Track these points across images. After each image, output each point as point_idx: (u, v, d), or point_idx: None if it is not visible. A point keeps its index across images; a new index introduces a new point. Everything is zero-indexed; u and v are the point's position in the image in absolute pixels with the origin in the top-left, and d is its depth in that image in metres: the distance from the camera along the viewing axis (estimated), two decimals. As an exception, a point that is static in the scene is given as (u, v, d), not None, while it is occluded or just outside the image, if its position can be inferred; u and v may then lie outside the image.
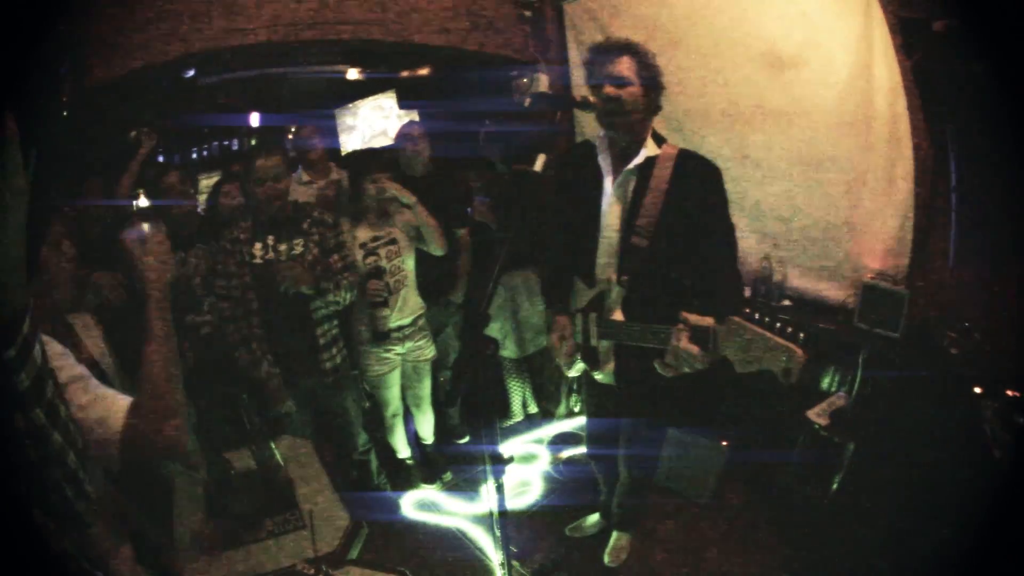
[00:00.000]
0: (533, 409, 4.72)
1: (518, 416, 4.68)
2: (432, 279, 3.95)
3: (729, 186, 2.50)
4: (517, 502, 3.88)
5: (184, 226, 3.54)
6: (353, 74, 6.32)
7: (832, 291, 3.48)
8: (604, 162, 2.62)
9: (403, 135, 4.09)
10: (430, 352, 3.93)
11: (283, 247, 3.31)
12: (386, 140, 6.18)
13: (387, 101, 6.64)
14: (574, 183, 2.71)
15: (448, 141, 4.53)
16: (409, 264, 3.74)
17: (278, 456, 2.69)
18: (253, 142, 7.00)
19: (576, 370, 2.85)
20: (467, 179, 4.53)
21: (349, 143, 6.65)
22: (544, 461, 4.28)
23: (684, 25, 3.80)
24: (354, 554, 2.39)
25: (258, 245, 3.31)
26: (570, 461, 4.21)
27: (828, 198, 3.39)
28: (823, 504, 3.26)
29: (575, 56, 4.83)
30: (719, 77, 3.68)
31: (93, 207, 3.90)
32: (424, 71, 6.25)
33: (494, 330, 4.31)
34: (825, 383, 3.50)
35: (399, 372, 3.89)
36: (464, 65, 5.19)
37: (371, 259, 3.57)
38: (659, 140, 2.56)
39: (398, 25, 4.66)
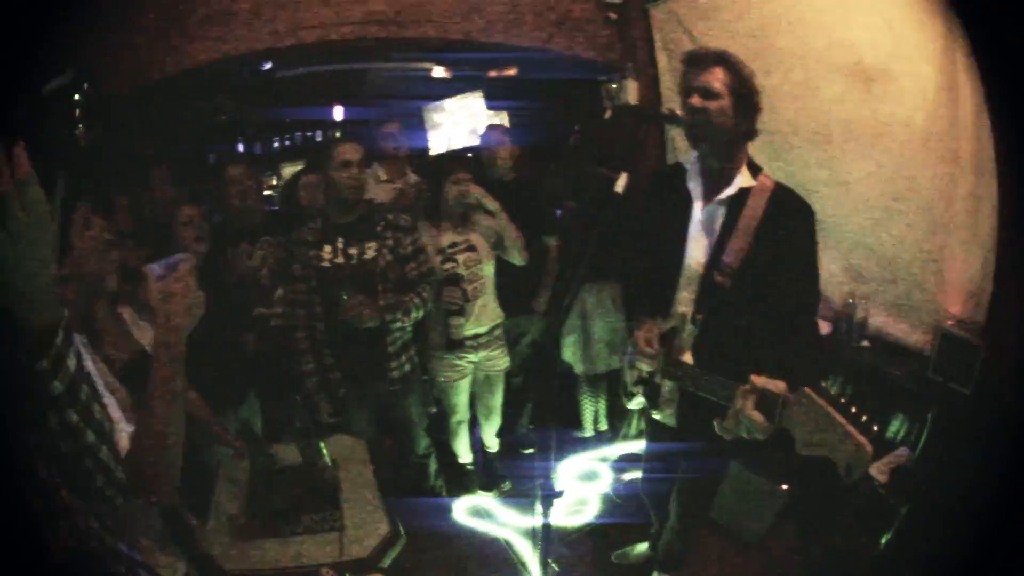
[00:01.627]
0: (604, 426, 4.61)
1: (588, 432, 4.58)
2: (515, 287, 3.88)
3: (817, 214, 2.34)
4: (570, 519, 3.80)
5: (248, 219, 3.56)
6: (439, 72, 6.30)
7: (911, 334, 3.18)
8: (694, 187, 2.47)
9: (488, 137, 4.05)
10: (504, 363, 3.86)
11: (354, 251, 3.22)
12: (472, 141, 6.15)
13: (474, 100, 6.59)
14: (661, 207, 2.58)
15: (535, 144, 4.48)
16: (488, 271, 3.66)
17: (326, 456, 2.67)
18: (336, 134, 7.10)
19: (636, 404, 2.71)
20: (557, 184, 4.46)
21: (434, 142, 6.64)
22: (605, 481, 4.16)
23: (769, 34, 3.59)
24: (386, 563, 2.35)
25: (327, 248, 3.22)
26: (631, 484, 4.06)
27: (913, 230, 3.09)
28: (868, 556, 3.03)
29: (663, 62, 4.68)
30: (806, 91, 3.45)
31: (158, 196, 3.92)
32: (511, 71, 6.19)
33: (568, 344, 4.22)
34: (892, 430, 3.23)
35: (470, 379, 3.83)
36: (551, 67, 5.14)
37: (448, 265, 3.50)
38: (755, 170, 2.39)
39: (482, 24, 4.63)
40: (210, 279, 3.05)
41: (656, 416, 2.69)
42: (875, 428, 1.81)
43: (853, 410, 1.85)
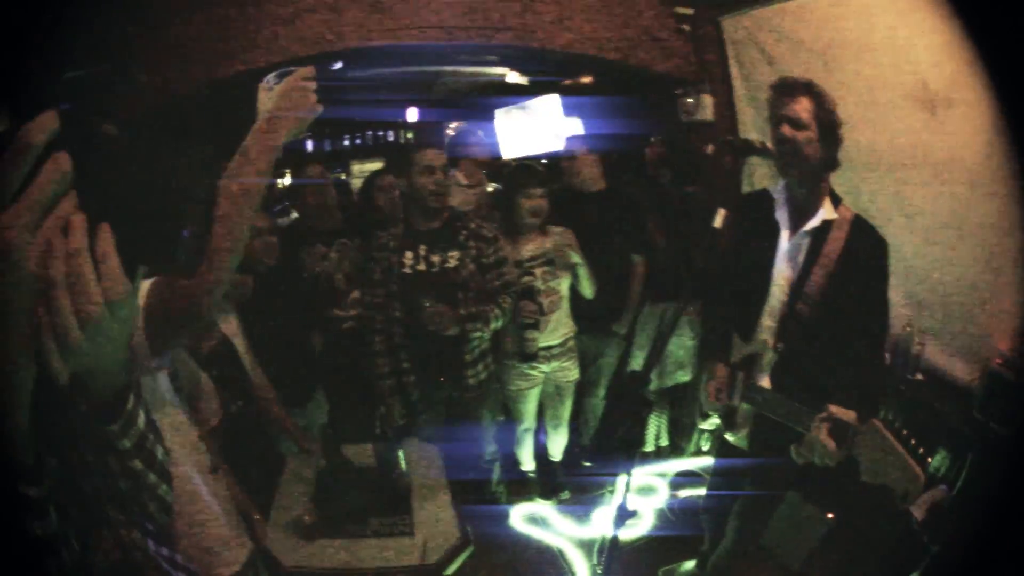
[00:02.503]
0: (665, 442, 4.59)
1: (649, 446, 4.55)
2: (597, 306, 3.86)
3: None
4: (624, 533, 3.76)
5: (324, 220, 3.57)
6: (514, 77, 6.32)
7: (963, 371, 3.10)
8: (781, 217, 2.50)
9: (565, 151, 4.02)
10: (574, 374, 3.87)
11: (436, 258, 3.21)
12: (548, 148, 6.15)
13: (550, 106, 6.57)
14: (749, 235, 2.60)
15: (614, 157, 4.46)
16: (564, 286, 3.67)
17: (402, 461, 2.69)
18: (409, 135, 7.17)
19: (711, 424, 2.73)
20: (642, 199, 4.37)
21: (508, 147, 6.63)
22: (661, 496, 4.14)
23: (839, 55, 3.55)
24: (452, 570, 2.37)
25: (409, 254, 3.21)
26: (687, 500, 4.04)
27: (969, 264, 3.02)
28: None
29: (737, 78, 4.66)
30: (872, 115, 3.37)
31: None
32: (587, 79, 6.17)
33: (638, 359, 4.14)
34: (934, 465, 3.17)
35: (540, 389, 3.85)
36: (628, 80, 5.13)
37: (526, 279, 3.50)
38: (836, 200, 2.42)
39: (559, 34, 4.64)
40: (283, 279, 3.15)
41: (729, 438, 2.73)
42: (929, 460, 1.98)
43: (912, 441, 1.98)
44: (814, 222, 2.39)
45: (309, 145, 7.12)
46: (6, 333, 0.72)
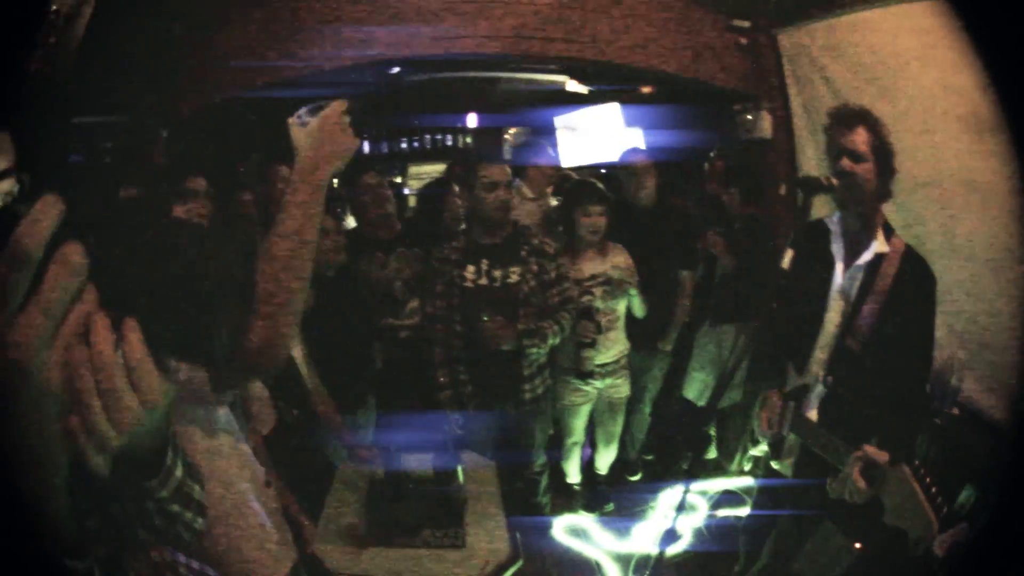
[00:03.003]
0: (712, 454, 4.58)
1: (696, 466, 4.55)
2: (643, 322, 3.88)
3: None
4: (661, 548, 3.79)
5: (382, 228, 3.58)
6: (573, 85, 6.33)
7: (996, 409, 3.06)
8: (836, 250, 2.51)
9: (626, 163, 4.03)
10: (626, 390, 3.91)
11: (498, 273, 3.23)
12: (607, 158, 6.12)
13: (610, 114, 6.53)
14: (805, 267, 2.58)
15: (673, 171, 4.46)
16: (622, 305, 3.71)
17: (460, 475, 2.70)
18: (468, 139, 7.21)
19: (758, 451, 2.76)
20: (695, 215, 4.40)
21: (567, 156, 6.58)
22: (700, 514, 4.14)
23: (894, 75, 3.52)
24: (498, 583, 2.39)
25: (471, 268, 3.24)
26: (725, 519, 4.04)
27: (1010, 296, 2.98)
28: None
29: (794, 96, 4.64)
30: (923, 140, 3.31)
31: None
32: (647, 89, 6.16)
33: (697, 381, 4.19)
34: (959, 501, 3.13)
35: (592, 404, 3.88)
36: (687, 93, 5.13)
37: (586, 298, 3.52)
38: (888, 230, 2.43)
39: (618, 46, 4.66)
40: (343, 287, 3.21)
41: (775, 465, 2.75)
42: (945, 509, 2.06)
43: (933, 490, 2.07)
44: (867, 256, 2.41)
45: (366, 148, 7.21)
46: (35, 445, 0.65)
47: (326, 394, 2.84)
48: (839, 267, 2.50)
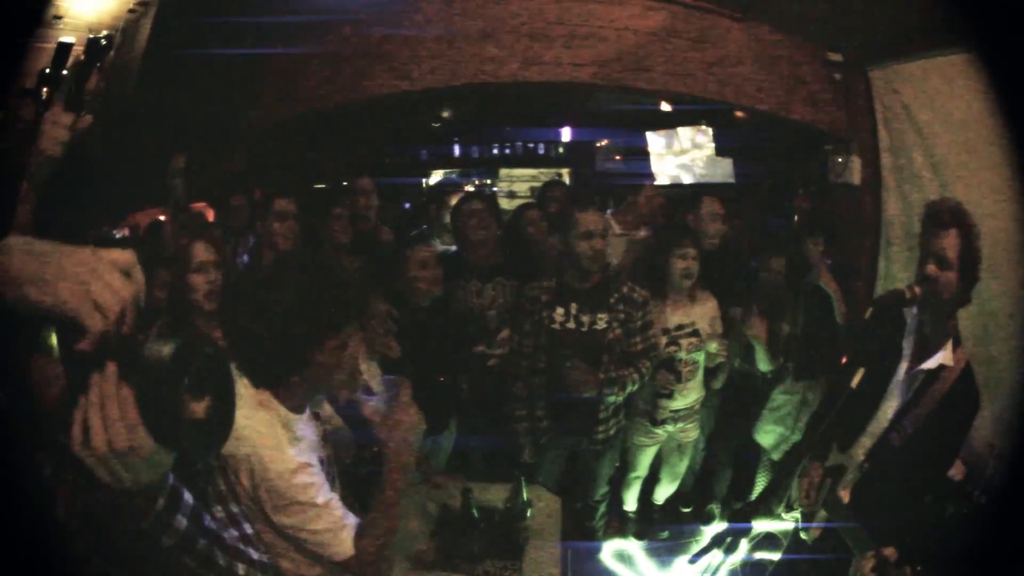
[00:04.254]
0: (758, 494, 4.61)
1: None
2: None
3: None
4: None
5: (484, 251, 3.62)
6: (667, 106, 6.33)
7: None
8: (906, 347, 2.53)
9: (708, 214, 3.95)
10: (695, 433, 3.93)
11: (586, 318, 3.27)
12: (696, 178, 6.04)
13: (703, 139, 6.48)
14: (872, 352, 2.58)
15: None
16: (703, 356, 3.67)
17: (530, 515, 2.74)
18: (560, 149, 7.26)
19: (792, 517, 2.84)
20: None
21: (661, 175, 6.54)
22: (739, 554, 4.21)
23: (980, 137, 3.40)
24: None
25: (560, 310, 3.28)
26: (758, 564, 4.06)
27: None
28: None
29: (884, 140, 4.56)
30: (991, 206, 3.17)
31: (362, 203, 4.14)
32: (740, 114, 6.12)
33: (774, 434, 4.09)
34: None
35: (660, 445, 3.93)
36: (777, 131, 5.10)
37: (671, 349, 3.50)
38: (957, 340, 2.42)
39: (710, 81, 4.70)
40: (437, 314, 3.34)
41: (803, 536, 2.82)
42: None
43: None
44: (932, 363, 2.39)
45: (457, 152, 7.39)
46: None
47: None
48: (903, 366, 2.52)
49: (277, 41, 4.55)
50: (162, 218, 4.49)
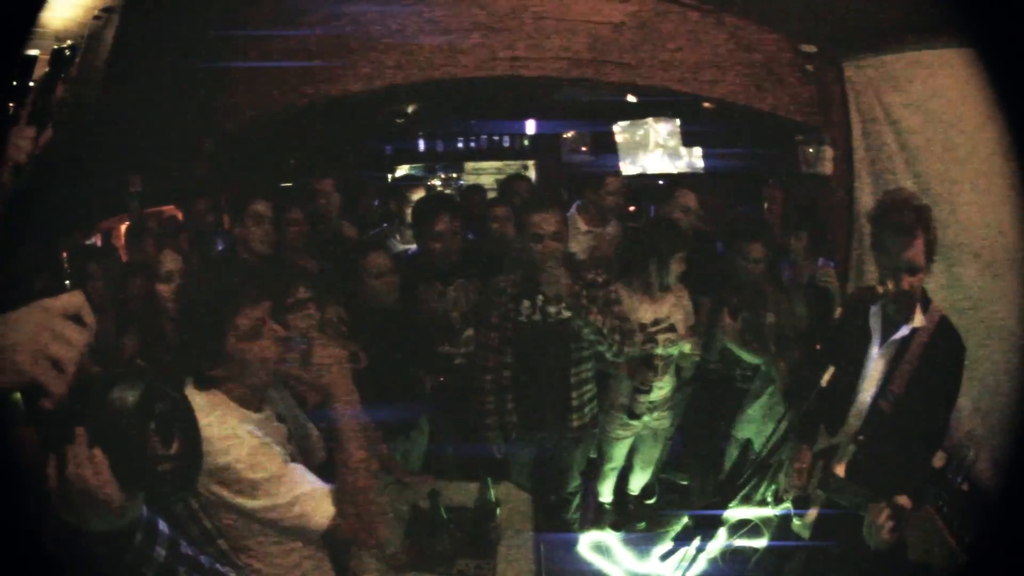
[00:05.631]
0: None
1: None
2: None
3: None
4: (668, 569, 3.78)
5: (445, 258, 3.58)
6: (634, 98, 6.31)
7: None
8: (875, 324, 2.60)
9: (681, 207, 4.01)
10: (669, 421, 3.97)
11: (552, 309, 3.28)
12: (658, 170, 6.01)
13: (669, 129, 6.48)
14: (845, 336, 2.70)
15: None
16: (682, 350, 3.69)
17: (498, 508, 2.73)
18: (525, 142, 7.29)
19: (782, 508, 2.87)
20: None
21: (627, 168, 6.54)
22: (719, 542, 4.21)
23: (955, 127, 3.43)
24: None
25: (526, 303, 3.30)
26: (737, 552, 4.06)
27: None
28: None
29: (857, 129, 4.59)
30: (976, 202, 3.28)
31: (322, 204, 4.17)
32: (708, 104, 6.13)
33: (750, 431, 4.06)
34: None
35: (635, 435, 3.95)
36: (748, 120, 5.11)
37: (648, 346, 3.52)
38: (926, 303, 2.50)
39: (682, 73, 4.68)
40: (399, 315, 3.32)
41: (795, 522, 2.83)
42: (967, 539, 2.14)
43: (955, 523, 2.17)
44: (903, 332, 2.49)
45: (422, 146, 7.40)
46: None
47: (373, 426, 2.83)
48: (876, 344, 2.59)
49: (242, 46, 4.52)
50: (125, 227, 4.49)
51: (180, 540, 1.18)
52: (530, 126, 7.20)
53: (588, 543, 4.14)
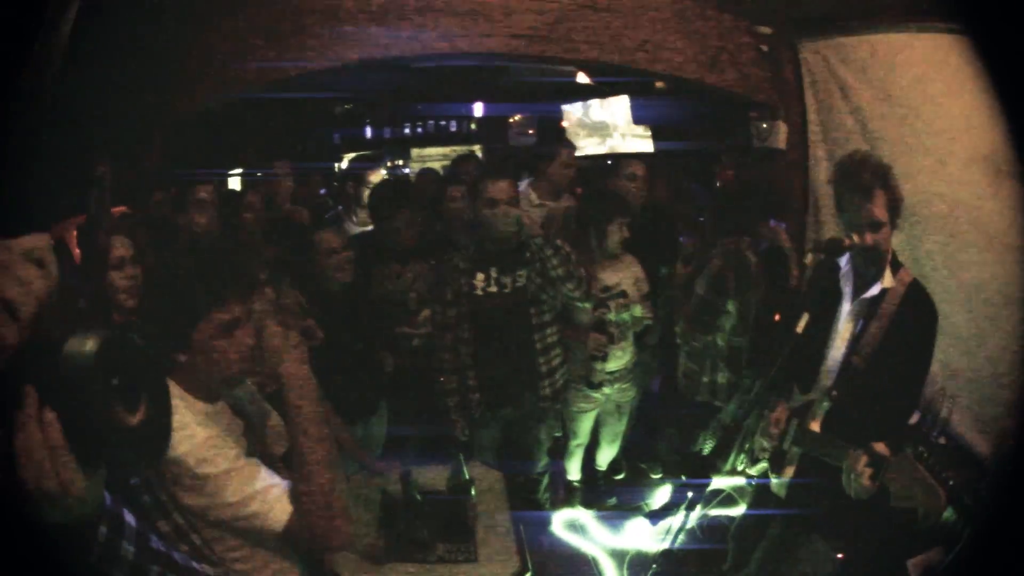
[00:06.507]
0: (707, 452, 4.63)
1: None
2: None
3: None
4: (651, 545, 3.88)
5: (400, 241, 3.58)
6: (584, 78, 6.29)
7: (980, 445, 3.16)
8: (845, 285, 2.62)
9: (627, 175, 4.06)
10: (632, 392, 3.99)
11: (507, 279, 3.27)
12: (611, 149, 6.01)
13: (620, 108, 6.49)
14: (815, 297, 2.70)
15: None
16: (634, 315, 3.72)
17: (472, 488, 2.70)
18: (473, 126, 7.23)
19: (757, 470, 2.86)
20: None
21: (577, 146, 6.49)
22: (694, 513, 4.24)
23: (917, 105, 3.48)
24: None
25: (480, 276, 3.26)
26: (714, 520, 4.07)
27: (1005, 338, 3.05)
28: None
29: (812, 106, 4.61)
30: (943, 176, 3.31)
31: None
32: (660, 84, 6.14)
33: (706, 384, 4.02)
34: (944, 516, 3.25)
35: (599, 409, 3.95)
36: (700, 97, 5.11)
37: (600, 311, 3.54)
38: (896, 265, 2.53)
39: (634, 50, 4.63)
40: (354, 296, 3.26)
41: (773, 480, 2.82)
42: (951, 482, 2.17)
43: (936, 467, 2.20)
44: (873, 292, 2.51)
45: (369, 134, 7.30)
46: None
47: (332, 411, 2.81)
48: (846, 303, 2.61)
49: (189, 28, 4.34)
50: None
51: (149, 534, 1.08)
52: (478, 109, 7.13)
53: (562, 521, 4.11)
